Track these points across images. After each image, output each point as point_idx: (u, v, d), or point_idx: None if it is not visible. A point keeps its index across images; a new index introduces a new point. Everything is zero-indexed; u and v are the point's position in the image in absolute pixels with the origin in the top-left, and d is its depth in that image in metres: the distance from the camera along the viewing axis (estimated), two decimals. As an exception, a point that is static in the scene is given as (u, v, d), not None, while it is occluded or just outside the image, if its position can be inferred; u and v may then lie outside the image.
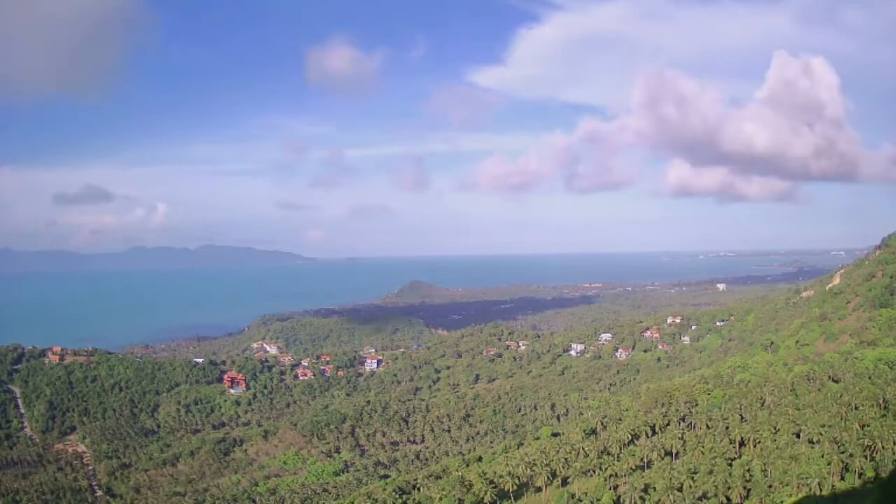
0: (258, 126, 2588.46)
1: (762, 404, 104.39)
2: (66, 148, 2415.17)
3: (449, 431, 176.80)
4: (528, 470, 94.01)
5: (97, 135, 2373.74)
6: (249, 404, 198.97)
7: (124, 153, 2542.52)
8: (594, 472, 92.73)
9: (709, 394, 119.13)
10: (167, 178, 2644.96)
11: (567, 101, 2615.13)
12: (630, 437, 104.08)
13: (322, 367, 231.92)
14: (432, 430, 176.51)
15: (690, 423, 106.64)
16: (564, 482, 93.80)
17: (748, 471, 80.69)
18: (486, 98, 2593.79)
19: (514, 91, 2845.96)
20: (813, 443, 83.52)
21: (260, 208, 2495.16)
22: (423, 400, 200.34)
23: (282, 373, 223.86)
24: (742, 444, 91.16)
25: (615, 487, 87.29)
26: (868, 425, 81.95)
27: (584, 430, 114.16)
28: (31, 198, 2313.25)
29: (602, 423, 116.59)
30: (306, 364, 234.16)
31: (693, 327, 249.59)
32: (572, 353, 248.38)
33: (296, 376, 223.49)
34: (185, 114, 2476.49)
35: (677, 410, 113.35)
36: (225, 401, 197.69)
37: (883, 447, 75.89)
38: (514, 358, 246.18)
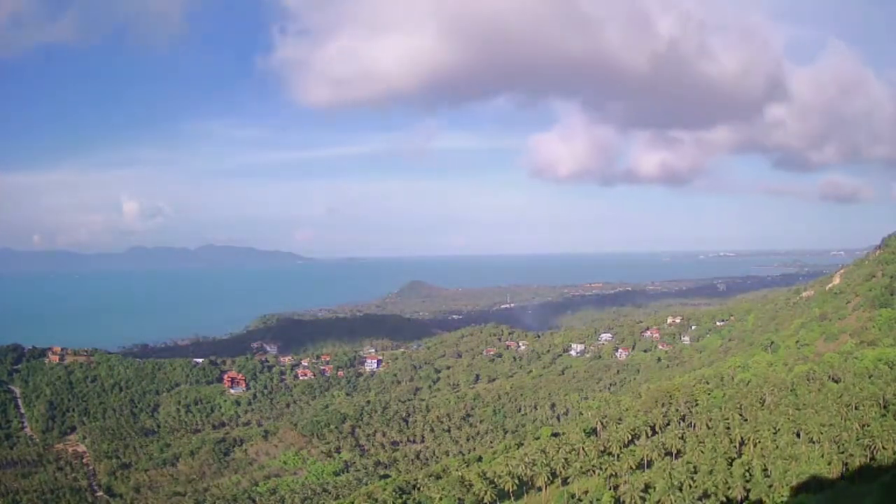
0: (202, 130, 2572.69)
1: (762, 404, 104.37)
2: (60, 149, 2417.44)
3: (449, 431, 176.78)
4: (528, 470, 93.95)
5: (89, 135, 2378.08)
6: (249, 404, 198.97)
7: (117, 153, 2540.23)
8: (594, 471, 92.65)
9: (709, 394, 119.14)
10: (162, 178, 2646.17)
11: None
12: (630, 437, 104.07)
13: (322, 367, 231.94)
14: (432, 430, 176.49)
15: (691, 422, 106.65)
16: (564, 482, 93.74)
17: (748, 470, 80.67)
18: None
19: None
20: (813, 442, 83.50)
21: (243, 209, 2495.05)
22: (423, 400, 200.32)
23: (282, 373, 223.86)
24: (742, 443, 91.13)
25: (615, 487, 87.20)
26: (868, 425, 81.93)
27: (584, 430, 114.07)
28: (28, 199, 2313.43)
29: (602, 423, 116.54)
30: (306, 364, 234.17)
31: (693, 327, 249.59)
32: (572, 353, 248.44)
33: (296, 376, 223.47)
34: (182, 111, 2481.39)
35: (677, 410, 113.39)
36: (225, 401, 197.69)
37: (883, 447, 75.87)
38: (514, 358, 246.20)
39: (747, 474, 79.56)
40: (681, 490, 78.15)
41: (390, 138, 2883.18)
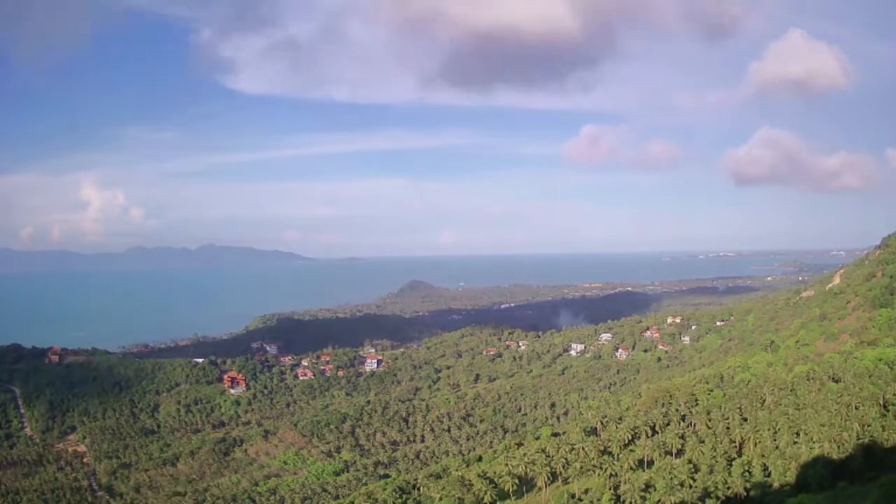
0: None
1: (762, 404, 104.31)
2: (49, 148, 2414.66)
3: (449, 431, 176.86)
4: (528, 470, 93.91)
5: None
6: (249, 404, 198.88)
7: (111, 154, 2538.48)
8: (594, 471, 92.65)
9: (709, 394, 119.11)
10: (162, 177, 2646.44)
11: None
12: (630, 437, 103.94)
13: (322, 367, 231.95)
14: (432, 430, 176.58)
15: (691, 422, 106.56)
16: (565, 482, 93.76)
17: (748, 470, 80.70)
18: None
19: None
20: (813, 442, 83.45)
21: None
22: (423, 400, 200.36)
23: (282, 373, 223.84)
24: (742, 443, 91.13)
25: (615, 487, 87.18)
26: (868, 425, 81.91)
27: (584, 430, 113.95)
28: (27, 199, 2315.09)
29: (602, 423, 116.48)
30: (306, 364, 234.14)
31: (693, 327, 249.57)
32: (572, 353, 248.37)
33: (296, 376, 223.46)
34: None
35: (677, 410, 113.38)
36: (225, 401, 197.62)
37: (883, 447, 75.82)
38: (514, 358, 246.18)
39: (747, 474, 79.60)
40: (681, 489, 78.17)
41: (390, 137, 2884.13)
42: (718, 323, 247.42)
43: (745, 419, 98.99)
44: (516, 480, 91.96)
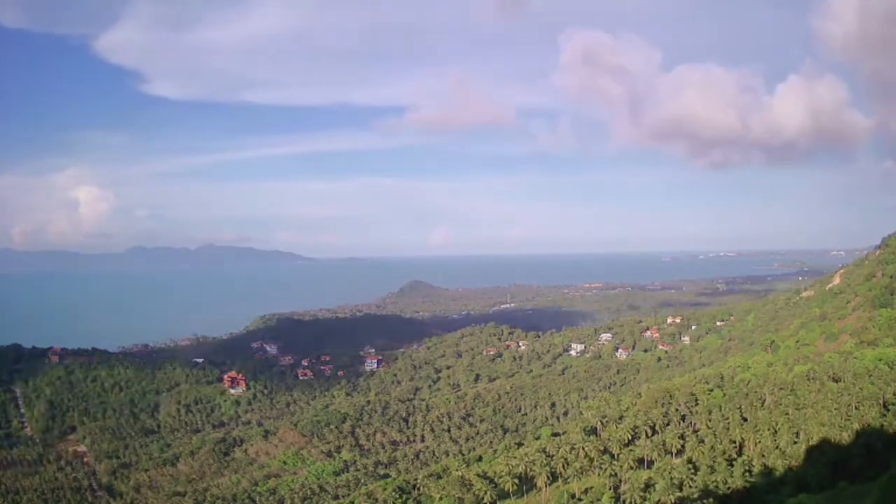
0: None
1: (762, 404, 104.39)
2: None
3: (449, 431, 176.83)
4: (528, 470, 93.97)
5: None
6: (249, 404, 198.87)
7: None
8: (594, 471, 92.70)
9: (709, 393, 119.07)
10: (164, 177, 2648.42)
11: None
12: (630, 437, 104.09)
13: (322, 367, 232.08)
14: (432, 430, 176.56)
15: (691, 422, 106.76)
16: (565, 482, 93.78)
17: (748, 470, 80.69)
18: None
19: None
20: (813, 442, 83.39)
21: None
22: (423, 400, 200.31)
23: (282, 373, 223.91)
24: (742, 443, 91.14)
25: (616, 486, 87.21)
26: (868, 425, 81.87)
27: (585, 430, 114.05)
28: (26, 199, 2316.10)
29: (602, 423, 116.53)
30: (306, 364, 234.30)
31: (693, 327, 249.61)
32: (572, 352, 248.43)
33: (296, 376, 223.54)
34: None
35: (677, 410, 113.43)
36: (225, 401, 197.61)
37: (883, 447, 75.77)
38: (515, 358, 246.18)
39: (747, 475, 79.59)
40: (681, 489, 78.17)
41: (387, 136, 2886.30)
42: (718, 323, 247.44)
43: (745, 419, 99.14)
44: (516, 480, 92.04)
